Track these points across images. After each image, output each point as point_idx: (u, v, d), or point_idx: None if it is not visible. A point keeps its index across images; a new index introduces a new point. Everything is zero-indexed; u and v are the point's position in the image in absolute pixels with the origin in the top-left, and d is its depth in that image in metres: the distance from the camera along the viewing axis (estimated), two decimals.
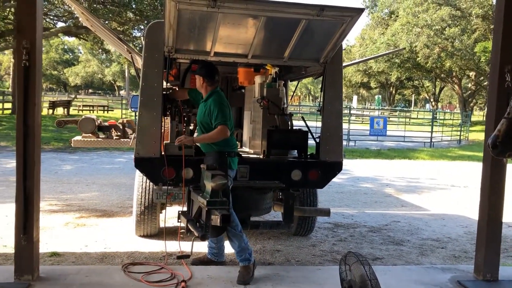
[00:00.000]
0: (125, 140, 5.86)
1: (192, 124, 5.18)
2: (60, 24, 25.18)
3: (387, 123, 20.92)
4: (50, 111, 26.89)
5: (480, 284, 4.11)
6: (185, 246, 4.62)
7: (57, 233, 5.56)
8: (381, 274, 3.81)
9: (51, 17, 24.11)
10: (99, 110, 33.59)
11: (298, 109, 33.44)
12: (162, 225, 5.39)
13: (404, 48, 28.65)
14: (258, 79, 5.45)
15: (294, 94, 8.53)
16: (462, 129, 24.34)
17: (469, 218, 7.33)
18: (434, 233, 6.42)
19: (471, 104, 41.46)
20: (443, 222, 7.09)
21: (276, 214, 6.44)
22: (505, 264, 4.95)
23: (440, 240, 6.06)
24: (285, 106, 5.64)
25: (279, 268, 4.45)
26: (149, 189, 5.09)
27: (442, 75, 37.08)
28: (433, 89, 47.46)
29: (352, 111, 29.10)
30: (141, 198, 5.13)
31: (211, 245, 4.42)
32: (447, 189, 10.26)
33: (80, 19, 8.58)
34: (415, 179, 11.41)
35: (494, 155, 3.27)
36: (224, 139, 4.05)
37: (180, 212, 4.29)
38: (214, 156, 4.07)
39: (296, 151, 5.05)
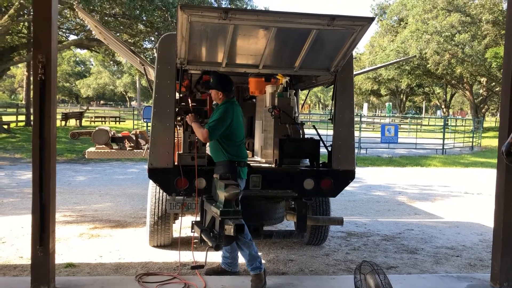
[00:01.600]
0: (138, 151, 5.91)
1: None
2: (72, 37, 25.59)
3: (398, 130, 20.81)
4: (63, 122, 27.22)
5: None
6: (199, 256, 4.63)
7: (72, 244, 5.61)
8: (396, 283, 3.79)
9: (64, 30, 24.50)
10: (111, 121, 33.89)
11: (308, 118, 33.43)
12: (175, 235, 5.42)
13: (415, 56, 28.55)
14: (269, 89, 5.48)
15: (305, 102, 8.54)
16: (475, 135, 24.13)
17: (484, 226, 7.24)
18: (449, 241, 6.36)
19: (483, 110, 41.07)
20: (457, 230, 7.02)
21: (288, 224, 6.43)
22: None
23: (455, 248, 6.00)
24: (296, 115, 5.66)
25: (293, 278, 4.44)
26: (162, 200, 5.13)
27: (453, 81, 36.86)
28: (444, 96, 47.14)
29: (362, 119, 29.01)
30: (155, 209, 5.16)
31: (225, 255, 4.43)
32: (460, 197, 10.16)
33: (93, 32, 8.72)
34: (427, 187, 11.32)
35: (508, 163, 3.25)
36: (235, 149, 4.20)
37: (193, 222, 4.32)
38: (224, 165, 4.14)
39: (308, 160, 5.06)
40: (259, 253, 4.91)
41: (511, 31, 4.13)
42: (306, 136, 5.40)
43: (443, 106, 46.63)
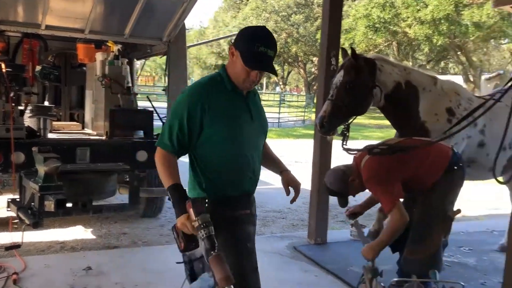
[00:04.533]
0: None
1: (23, 104, 4.73)
2: None
3: None
4: None
5: (311, 247, 4.58)
6: (18, 237, 4.24)
7: None
8: None
9: None
10: None
11: (153, 90, 32.68)
12: None
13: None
14: (99, 56, 5.16)
15: (140, 73, 8.13)
16: (306, 110, 26.43)
17: (309, 190, 7.98)
18: (277, 205, 6.91)
19: (315, 87, 45.08)
20: (286, 195, 7.65)
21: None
22: (333, 228, 5.57)
23: (282, 211, 6.56)
24: (130, 85, 5.47)
25: (126, 251, 4.38)
26: None
27: (289, 59, 39.57)
28: (282, 73, 50.43)
29: None
30: None
31: None
32: (291, 165, 11.02)
33: None
34: None
35: (321, 134, 3.64)
36: None
37: (9, 200, 3.92)
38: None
39: (142, 131, 4.95)
40: (91, 229, 4.76)
41: (327, 14, 4.55)
42: (140, 107, 5.27)
43: (281, 83, 49.91)
